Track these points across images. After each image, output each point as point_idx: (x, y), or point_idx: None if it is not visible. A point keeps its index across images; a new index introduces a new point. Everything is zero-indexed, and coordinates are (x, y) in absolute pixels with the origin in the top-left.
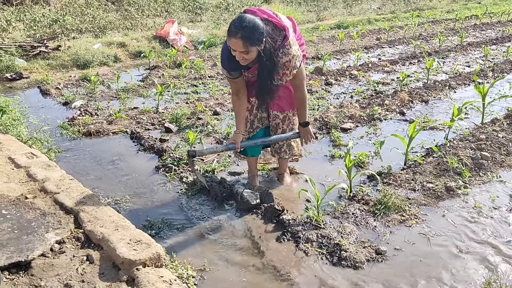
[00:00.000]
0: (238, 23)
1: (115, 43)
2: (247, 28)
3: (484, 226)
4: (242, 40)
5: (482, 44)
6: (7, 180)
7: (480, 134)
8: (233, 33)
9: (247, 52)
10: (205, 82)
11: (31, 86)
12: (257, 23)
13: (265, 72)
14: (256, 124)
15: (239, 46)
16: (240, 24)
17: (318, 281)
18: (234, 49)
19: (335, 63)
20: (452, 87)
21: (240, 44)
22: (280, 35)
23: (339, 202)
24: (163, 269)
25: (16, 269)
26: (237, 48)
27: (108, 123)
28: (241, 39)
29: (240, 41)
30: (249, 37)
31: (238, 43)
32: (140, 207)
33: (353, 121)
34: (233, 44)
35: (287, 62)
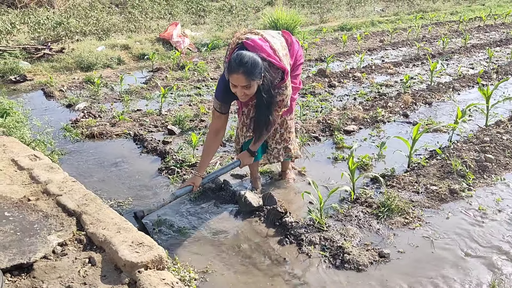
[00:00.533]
0: (238, 61)
1: (119, 46)
2: (248, 64)
3: (488, 229)
4: (244, 76)
5: (486, 46)
6: (10, 182)
7: (484, 136)
8: (235, 69)
9: (249, 87)
10: (208, 84)
11: (35, 88)
12: (256, 59)
13: (263, 106)
14: (249, 133)
15: (241, 81)
16: (240, 61)
17: (320, 283)
18: (235, 85)
19: (338, 65)
20: (456, 89)
21: (242, 79)
22: (278, 74)
23: (342, 204)
24: (165, 272)
25: (18, 271)
26: (239, 83)
27: (111, 125)
28: (242, 75)
29: (242, 76)
30: (250, 72)
31: (240, 78)
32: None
33: (357, 123)
34: (235, 80)
35: (280, 101)
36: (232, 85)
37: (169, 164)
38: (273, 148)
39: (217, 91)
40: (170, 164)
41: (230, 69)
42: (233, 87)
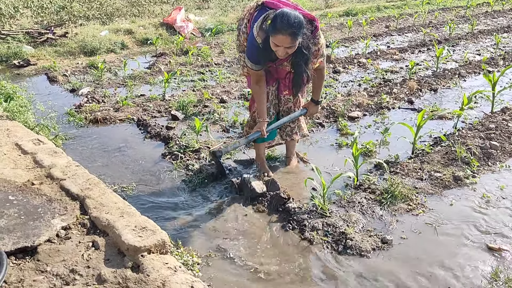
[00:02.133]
0: (286, 21)
1: (122, 30)
2: (295, 24)
3: (492, 216)
4: (291, 36)
5: (493, 32)
6: (14, 166)
7: (490, 123)
8: (281, 30)
9: (292, 47)
10: (211, 69)
11: (38, 73)
12: (300, 18)
13: (301, 62)
14: (272, 110)
15: (287, 42)
16: (288, 21)
17: (323, 268)
18: (278, 45)
19: (343, 51)
20: (462, 76)
21: (288, 40)
22: (310, 25)
23: (345, 191)
24: (168, 256)
25: (22, 254)
26: (284, 44)
27: (115, 111)
28: (289, 36)
29: (288, 38)
30: (297, 33)
31: (286, 39)
32: (146, 194)
33: (361, 110)
34: (280, 41)
35: (315, 51)
36: (274, 44)
37: (173, 149)
38: (286, 125)
39: (252, 56)
40: (173, 149)
41: (276, 29)
42: (275, 46)
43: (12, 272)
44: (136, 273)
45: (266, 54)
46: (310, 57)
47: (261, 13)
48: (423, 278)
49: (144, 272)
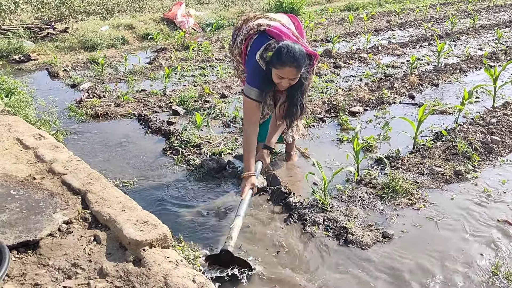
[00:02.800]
0: (292, 54)
1: (123, 25)
2: (301, 57)
3: (493, 210)
4: (296, 69)
5: (495, 27)
6: (16, 161)
7: (491, 118)
8: (288, 63)
9: (295, 78)
10: (212, 64)
11: (39, 68)
12: (303, 51)
13: (297, 92)
14: (266, 110)
15: (293, 74)
16: (294, 54)
17: (323, 262)
18: (283, 77)
19: (344, 46)
20: (463, 71)
21: (294, 72)
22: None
23: (346, 185)
24: (169, 250)
25: (24, 248)
26: (290, 76)
27: (116, 106)
28: (295, 68)
29: (294, 70)
30: (301, 64)
31: (292, 71)
32: (147, 189)
33: (362, 105)
34: (285, 73)
35: (307, 85)
36: (278, 76)
37: (174, 145)
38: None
39: (255, 82)
40: (174, 144)
41: (282, 62)
42: (279, 79)
43: (15, 266)
44: (137, 267)
45: (269, 82)
46: (307, 87)
47: (261, 39)
48: (423, 271)
49: (146, 266)
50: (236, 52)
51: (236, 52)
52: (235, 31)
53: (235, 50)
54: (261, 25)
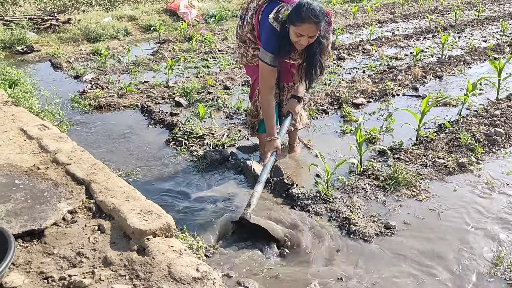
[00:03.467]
0: (312, 10)
1: (126, 17)
2: (320, 13)
3: (495, 202)
4: (316, 25)
5: (499, 19)
6: (20, 151)
7: (495, 110)
8: (307, 19)
9: (314, 36)
10: (215, 56)
11: (42, 59)
12: (323, 8)
13: (316, 51)
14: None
15: (312, 30)
16: (313, 10)
17: (326, 253)
18: (302, 34)
19: (347, 38)
20: (467, 63)
21: (313, 29)
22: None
23: (349, 177)
24: (173, 239)
25: (29, 237)
26: (310, 33)
27: (119, 97)
28: (315, 24)
29: (314, 26)
30: (320, 21)
31: (311, 28)
32: (151, 179)
33: (365, 96)
34: (304, 30)
35: (327, 45)
36: (296, 34)
37: (177, 136)
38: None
39: (271, 46)
40: (177, 135)
41: (302, 19)
42: (297, 37)
43: (20, 255)
44: (141, 256)
45: (285, 43)
46: (326, 46)
47: (271, 5)
48: (425, 262)
49: (150, 255)
50: (247, 29)
51: (246, 30)
52: (242, 12)
53: (245, 28)
54: None
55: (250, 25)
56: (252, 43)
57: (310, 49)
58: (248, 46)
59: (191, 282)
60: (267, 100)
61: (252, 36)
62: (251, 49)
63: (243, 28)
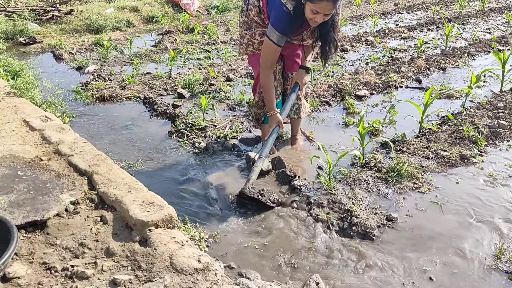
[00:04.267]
0: None
1: (128, 8)
2: None
3: (498, 194)
4: (334, 3)
5: (505, 10)
6: (22, 142)
7: (498, 103)
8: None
9: (329, 14)
10: (218, 47)
11: (44, 50)
12: None
13: (330, 29)
14: (279, 89)
15: (329, 8)
16: None
17: (328, 244)
18: (319, 12)
19: (351, 29)
20: (472, 54)
21: (330, 6)
22: None
23: (351, 169)
24: (175, 231)
25: (32, 228)
26: (326, 11)
27: (121, 88)
28: (333, 3)
29: (331, 4)
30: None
31: (328, 6)
32: (153, 171)
33: (368, 88)
34: (321, 7)
35: (338, 21)
36: (312, 11)
37: (179, 127)
38: (294, 103)
39: (280, 26)
40: (180, 127)
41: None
42: (313, 14)
43: (23, 245)
44: (143, 247)
45: (297, 22)
46: (337, 23)
47: None
48: (427, 255)
49: (152, 246)
50: (254, 12)
51: (253, 13)
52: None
53: (251, 12)
54: None
55: (257, 7)
56: (259, 26)
57: (324, 27)
58: (255, 32)
59: (193, 273)
60: (267, 75)
61: (259, 19)
62: (257, 36)
63: (248, 13)
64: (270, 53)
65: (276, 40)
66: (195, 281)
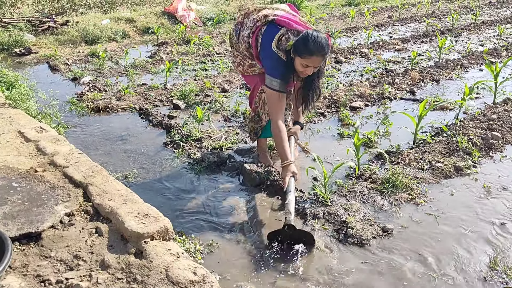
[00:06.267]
0: (319, 43)
1: (124, 19)
2: (326, 47)
3: (492, 206)
4: (323, 57)
5: (496, 23)
6: (17, 154)
7: (492, 114)
8: (316, 52)
9: (318, 66)
10: (213, 59)
11: (40, 61)
12: (327, 40)
13: (315, 77)
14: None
15: (318, 62)
16: (321, 44)
17: (323, 256)
18: (309, 65)
19: (345, 41)
20: (465, 66)
21: (319, 60)
22: None
23: (347, 180)
24: (170, 243)
25: (26, 240)
26: (316, 64)
27: (117, 99)
28: (322, 57)
29: (320, 58)
30: (327, 53)
31: (318, 60)
32: (148, 182)
33: (363, 100)
34: (312, 61)
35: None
36: (302, 65)
37: (175, 138)
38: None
39: (277, 72)
40: (175, 138)
41: (308, 51)
42: (303, 67)
43: (17, 258)
44: (139, 259)
45: (290, 70)
46: (323, 71)
47: (271, 29)
48: (422, 266)
49: (147, 258)
50: (243, 47)
51: (243, 47)
52: (237, 27)
53: (241, 45)
54: (268, 16)
55: (247, 43)
56: (248, 58)
57: (310, 76)
58: (245, 57)
59: (189, 285)
60: (278, 126)
61: (249, 53)
62: (248, 60)
63: (239, 45)
64: (277, 101)
65: (278, 88)
66: None
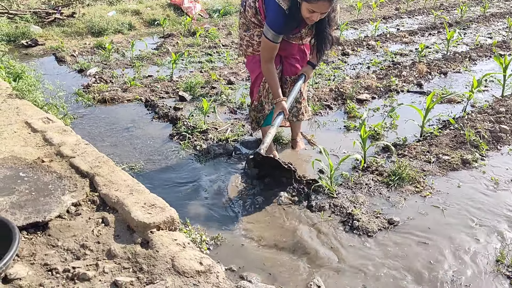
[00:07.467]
0: None
1: (130, 11)
2: None
3: (499, 199)
4: (330, 3)
5: (506, 15)
6: (24, 144)
7: (500, 107)
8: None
9: (326, 13)
10: (219, 51)
11: (46, 53)
12: None
13: (326, 25)
14: None
15: (326, 7)
16: None
17: (330, 247)
18: (315, 11)
19: (352, 33)
20: (473, 59)
21: (327, 6)
22: None
23: (353, 173)
24: (177, 233)
25: (34, 229)
26: (322, 10)
27: (123, 91)
28: (329, 2)
29: (328, 4)
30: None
31: (325, 5)
32: (154, 173)
33: (369, 92)
34: (318, 7)
35: (334, 17)
36: (309, 11)
37: (180, 130)
38: (292, 106)
39: (276, 26)
40: (181, 130)
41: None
42: (309, 13)
43: (24, 246)
44: (145, 249)
45: (292, 22)
46: (333, 18)
47: None
48: (429, 259)
49: (154, 248)
50: (250, 13)
51: (250, 14)
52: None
53: (248, 13)
54: None
55: (254, 8)
56: (257, 27)
57: (321, 24)
58: (253, 33)
59: (195, 275)
60: (268, 67)
61: (256, 20)
62: (256, 37)
63: (246, 14)
64: (268, 49)
65: (271, 38)
66: (196, 284)
